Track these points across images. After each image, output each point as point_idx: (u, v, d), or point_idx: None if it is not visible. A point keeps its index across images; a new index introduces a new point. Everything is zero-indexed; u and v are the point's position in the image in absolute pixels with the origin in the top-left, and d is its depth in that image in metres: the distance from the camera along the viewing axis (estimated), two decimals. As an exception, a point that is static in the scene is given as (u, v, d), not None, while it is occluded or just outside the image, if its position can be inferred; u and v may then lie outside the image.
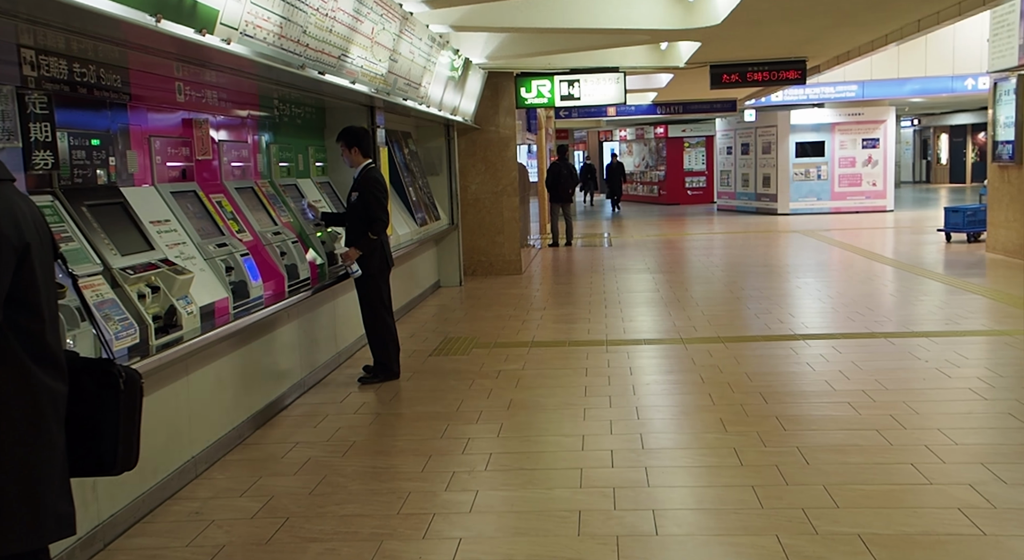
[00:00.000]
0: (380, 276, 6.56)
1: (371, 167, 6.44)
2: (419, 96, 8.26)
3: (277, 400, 5.82)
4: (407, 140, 10.92)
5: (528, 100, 12.62)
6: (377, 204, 6.30)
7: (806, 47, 11.18)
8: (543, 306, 10.05)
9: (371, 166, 6.45)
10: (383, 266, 6.58)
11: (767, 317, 8.75)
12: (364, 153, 6.42)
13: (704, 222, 22.39)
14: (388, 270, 6.68)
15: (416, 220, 10.07)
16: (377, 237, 6.34)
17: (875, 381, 6.08)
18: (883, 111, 22.36)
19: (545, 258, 15.03)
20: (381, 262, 6.55)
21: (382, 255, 6.55)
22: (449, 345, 7.95)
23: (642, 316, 9.25)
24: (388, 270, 6.68)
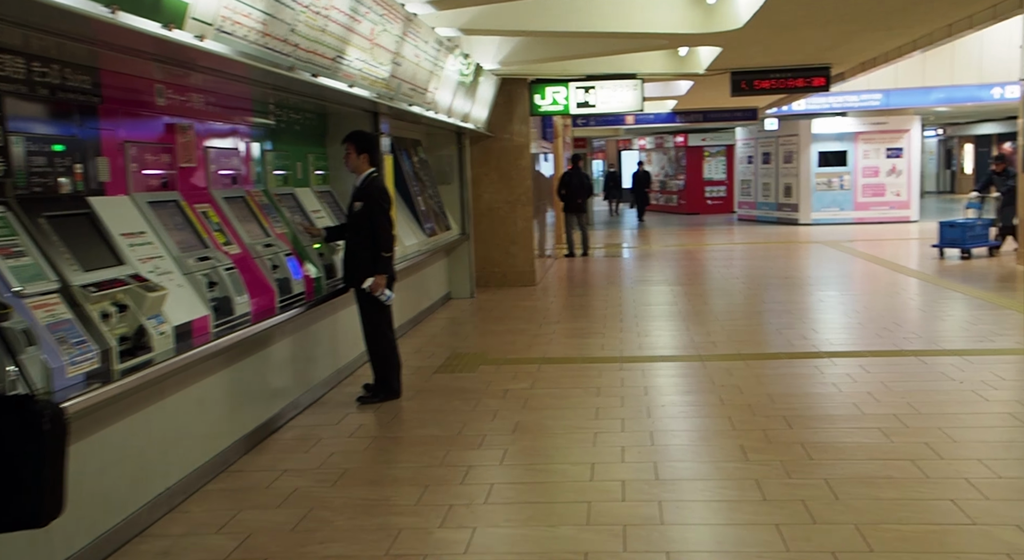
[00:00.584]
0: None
1: (375, 176, 6.10)
2: (426, 102, 7.93)
3: (268, 422, 5.48)
4: (416, 148, 10.60)
5: (542, 107, 12.29)
6: (384, 217, 5.94)
7: (830, 53, 10.78)
8: (556, 319, 9.69)
9: (375, 175, 6.10)
10: (389, 279, 6.23)
11: (789, 332, 8.33)
12: (372, 161, 6.08)
13: (724, 232, 21.95)
14: (392, 282, 6.33)
15: (424, 230, 9.74)
16: (391, 253, 6.00)
17: (907, 404, 5.67)
18: (908, 120, 21.85)
19: (560, 269, 14.66)
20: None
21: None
22: (456, 361, 7.59)
23: (659, 331, 8.86)
24: (392, 282, 6.33)
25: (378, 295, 6.03)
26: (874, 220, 22.01)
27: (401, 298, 9.23)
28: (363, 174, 6.07)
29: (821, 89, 11.85)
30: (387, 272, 6.02)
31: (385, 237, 5.94)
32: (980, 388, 6.03)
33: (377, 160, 6.18)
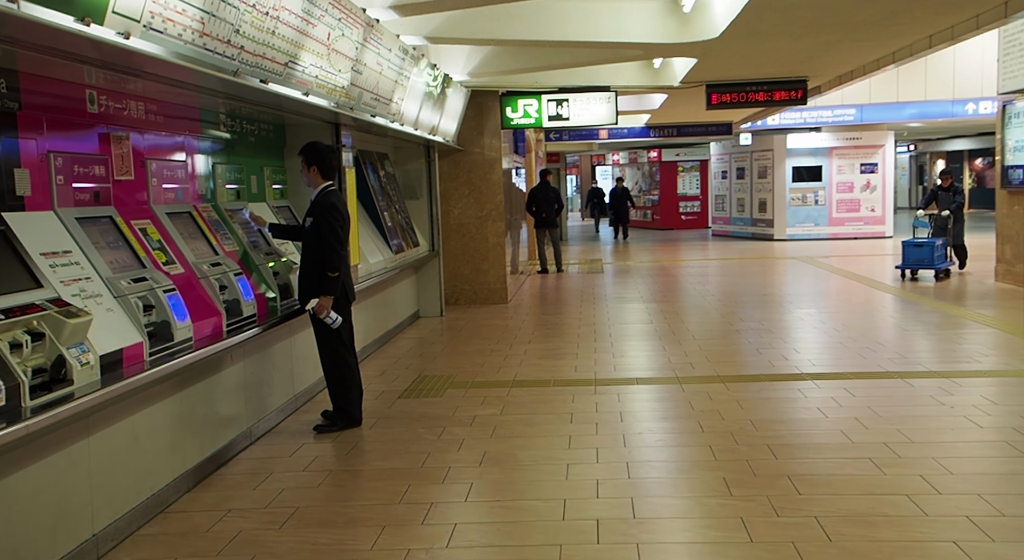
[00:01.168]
0: (339, 311, 5.83)
1: (329, 190, 5.71)
2: (390, 113, 7.58)
3: (216, 455, 5.08)
4: (383, 162, 10.24)
5: (514, 120, 11.98)
6: (332, 235, 5.54)
7: (808, 65, 10.56)
8: (528, 339, 9.33)
9: (330, 189, 5.72)
10: (343, 300, 5.85)
11: (769, 353, 8.04)
12: (324, 174, 5.71)
13: (699, 248, 21.74)
14: (349, 304, 5.96)
15: (391, 247, 9.37)
16: (338, 273, 5.61)
17: (897, 431, 5.36)
18: (882, 135, 21.80)
19: (533, 286, 14.32)
20: (340, 296, 5.82)
21: (343, 287, 5.83)
22: (422, 385, 7.21)
23: (634, 351, 8.52)
24: (349, 304, 5.96)
25: (323, 318, 5.65)
26: (849, 236, 21.90)
27: (366, 317, 8.85)
28: (318, 188, 5.71)
29: (798, 102, 11.63)
30: (332, 293, 5.61)
31: (331, 256, 5.53)
32: (972, 413, 5.74)
33: (330, 173, 5.74)
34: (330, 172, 5.75)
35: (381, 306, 9.33)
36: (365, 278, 8.16)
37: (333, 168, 5.80)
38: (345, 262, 5.76)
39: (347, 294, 5.87)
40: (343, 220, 5.67)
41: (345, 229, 5.72)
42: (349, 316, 5.98)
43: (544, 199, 16.17)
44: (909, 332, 9.03)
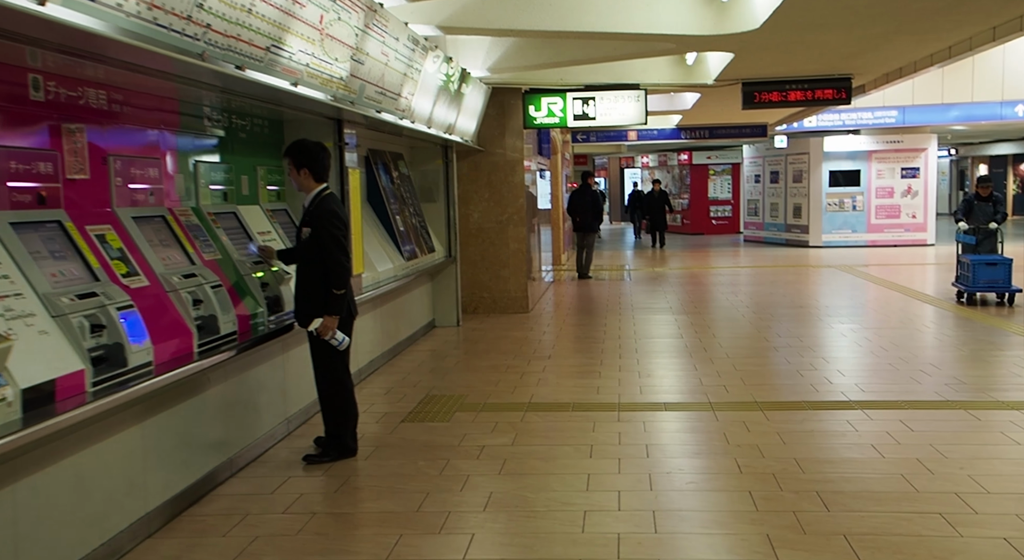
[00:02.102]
0: (343, 329, 5.20)
1: (326, 195, 5.10)
2: (399, 109, 6.96)
3: (190, 489, 4.48)
4: (398, 163, 9.63)
5: (537, 119, 11.33)
6: (336, 246, 4.94)
7: (853, 62, 9.81)
8: (548, 354, 8.67)
9: (326, 193, 5.11)
10: (346, 317, 5.23)
11: (811, 374, 7.32)
12: (316, 176, 5.08)
13: (730, 254, 20.96)
14: (351, 320, 5.34)
15: (403, 253, 8.75)
16: (344, 290, 5.00)
17: (968, 478, 4.65)
18: (924, 139, 20.90)
19: (557, 294, 13.66)
20: (344, 312, 5.20)
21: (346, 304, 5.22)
22: (429, 406, 6.58)
23: (662, 369, 7.84)
24: (351, 320, 5.34)
25: (328, 339, 5.04)
26: (888, 243, 21.03)
27: (374, 328, 8.24)
28: (312, 193, 5.10)
29: (841, 102, 10.87)
30: (339, 313, 5.02)
31: (337, 271, 4.94)
32: (1051, 454, 5.01)
33: (324, 174, 5.12)
34: (324, 174, 5.13)
35: (391, 316, 8.72)
36: (372, 287, 7.56)
37: (327, 168, 5.17)
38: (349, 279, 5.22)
39: (349, 308, 5.26)
40: (345, 229, 5.10)
41: (348, 238, 5.15)
42: (350, 333, 5.37)
43: (581, 203, 15.90)
44: (967, 353, 8.25)
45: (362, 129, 7.85)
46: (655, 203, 23.31)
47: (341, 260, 4.95)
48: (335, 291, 4.93)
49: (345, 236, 5.05)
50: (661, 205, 23.19)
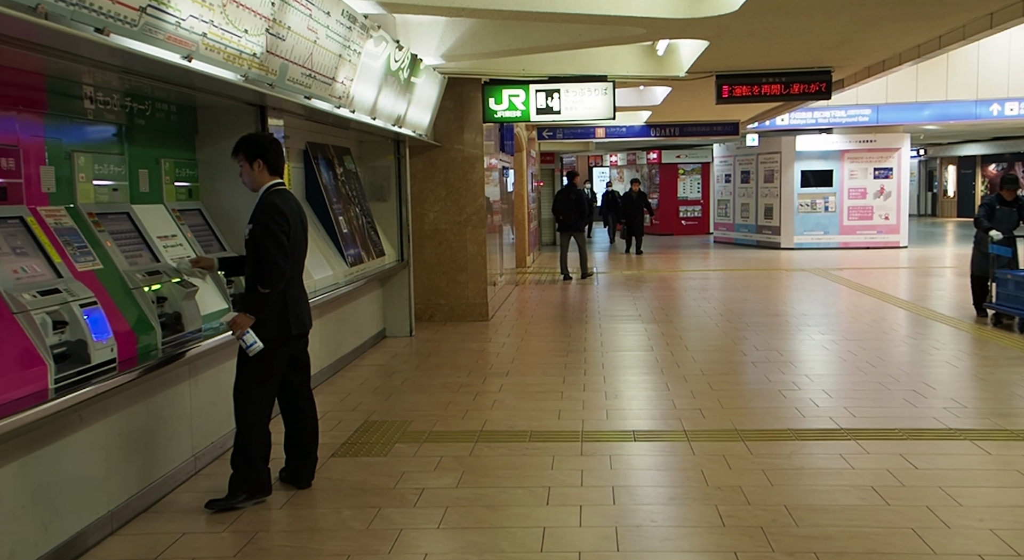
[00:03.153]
0: (276, 345, 4.44)
1: (275, 189, 4.50)
2: (334, 96, 6.13)
3: (48, 557, 3.63)
4: (343, 158, 8.79)
5: (498, 113, 10.54)
6: (272, 240, 4.31)
7: (835, 52, 9.13)
8: (506, 370, 7.88)
9: (275, 188, 4.50)
10: (282, 331, 4.47)
11: (794, 395, 6.60)
12: (272, 167, 4.52)
13: (700, 256, 20.31)
14: (291, 338, 4.54)
15: (347, 258, 7.92)
16: (271, 290, 4.29)
17: (992, 535, 3.92)
18: (897, 138, 20.38)
19: (521, 299, 12.87)
20: (279, 324, 4.46)
21: (282, 314, 4.46)
22: (367, 435, 5.77)
23: (631, 389, 7.09)
24: (291, 338, 4.54)
25: (236, 338, 4.30)
26: (861, 245, 20.50)
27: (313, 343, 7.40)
28: (263, 188, 4.51)
29: (820, 97, 10.20)
30: (256, 313, 4.31)
31: (268, 268, 4.29)
32: (1081, 501, 4.31)
33: (279, 167, 4.56)
34: (280, 165, 4.58)
35: (333, 328, 7.89)
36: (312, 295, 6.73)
37: (283, 159, 4.63)
38: (294, 283, 4.52)
39: (288, 321, 4.48)
40: (287, 225, 4.39)
41: (293, 237, 4.41)
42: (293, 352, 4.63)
43: (566, 202, 15.59)
44: (963, 370, 7.58)
45: (298, 120, 7.02)
46: (633, 205, 21.14)
47: (276, 258, 4.28)
48: (260, 289, 4.27)
49: (285, 233, 4.35)
50: (640, 207, 21.13)
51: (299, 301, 4.57)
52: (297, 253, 4.50)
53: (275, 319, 4.41)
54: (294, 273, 4.49)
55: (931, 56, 8.59)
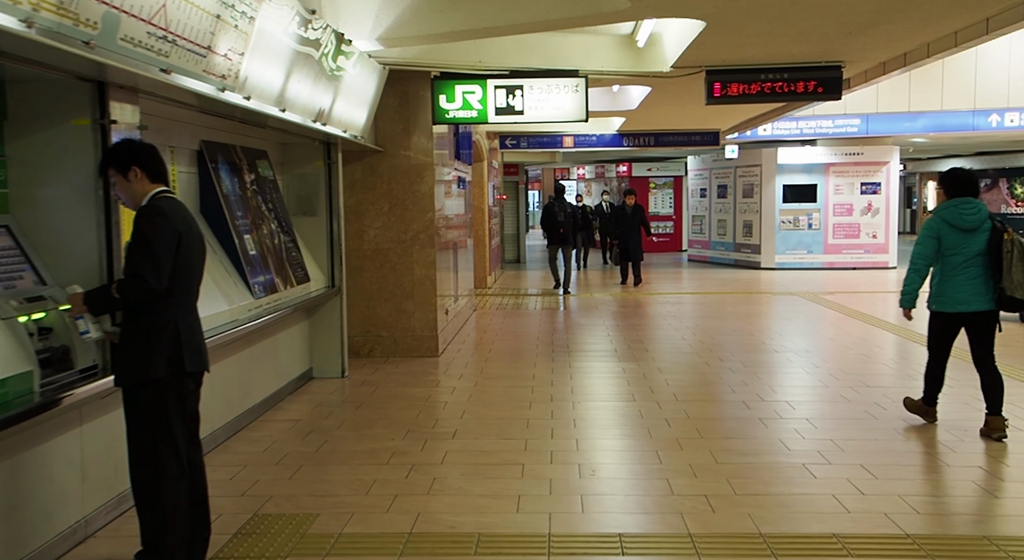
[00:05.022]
0: (167, 386, 3.60)
1: (161, 197, 3.67)
2: (212, 72, 4.48)
3: None
4: (256, 162, 7.13)
5: (450, 112, 8.93)
6: (144, 250, 3.50)
7: (848, 43, 7.67)
8: (453, 428, 6.26)
9: (163, 195, 3.68)
10: (175, 367, 3.61)
11: (827, 473, 5.06)
12: (153, 174, 3.69)
13: (676, 277, 18.81)
14: (186, 377, 3.68)
15: (253, 287, 6.25)
16: (124, 298, 3.50)
17: None
18: (886, 151, 19.08)
19: (479, 327, 11.25)
20: (171, 359, 3.59)
21: (174, 347, 3.60)
22: (249, 541, 4.14)
23: (613, 461, 5.50)
24: (186, 377, 3.68)
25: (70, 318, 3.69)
26: (847, 265, 19.14)
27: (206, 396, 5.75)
28: (147, 197, 3.66)
29: (827, 97, 8.73)
30: (97, 312, 3.63)
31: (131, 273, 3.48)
32: None
33: (161, 172, 3.73)
34: (162, 171, 3.74)
35: (233, 376, 6.23)
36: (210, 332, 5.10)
37: (163, 164, 3.75)
38: (188, 309, 3.75)
39: (182, 356, 3.63)
40: (175, 235, 3.59)
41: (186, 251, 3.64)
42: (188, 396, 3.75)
43: (550, 214, 15.32)
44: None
45: (177, 108, 5.38)
46: (628, 222, 16.60)
47: (144, 273, 3.46)
48: (114, 293, 3.52)
49: (161, 241, 3.52)
50: (636, 224, 16.59)
51: (195, 332, 3.77)
52: (193, 272, 3.77)
53: (166, 353, 3.56)
54: (189, 297, 3.75)
55: (970, 45, 7.12)
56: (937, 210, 5.81)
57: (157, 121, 5.33)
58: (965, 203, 5.67)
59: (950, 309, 5.74)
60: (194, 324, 3.76)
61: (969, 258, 5.62)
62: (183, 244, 3.63)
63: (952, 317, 5.78)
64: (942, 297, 5.77)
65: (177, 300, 3.64)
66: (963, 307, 5.68)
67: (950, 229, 5.67)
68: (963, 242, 5.64)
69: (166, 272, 3.52)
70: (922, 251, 5.80)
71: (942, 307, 5.79)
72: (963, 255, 5.64)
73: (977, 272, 5.62)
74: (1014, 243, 5.50)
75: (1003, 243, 5.52)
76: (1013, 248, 5.48)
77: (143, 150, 3.66)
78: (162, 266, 3.50)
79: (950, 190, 5.78)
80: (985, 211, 5.69)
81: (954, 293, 5.69)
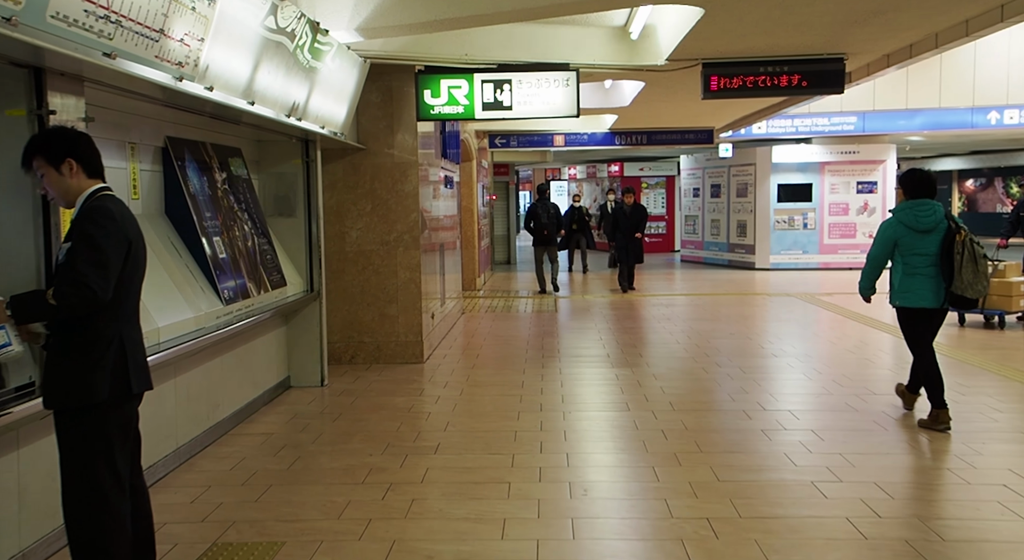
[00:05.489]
0: (111, 409, 3.21)
1: (102, 194, 3.27)
2: (168, 59, 4.08)
3: None
4: (229, 161, 6.73)
5: (435, 108, 8.54)
6: (90, 254, 3.09)
7: (853, 32, 7.32)
8: (436, 442, 5.87)
9: (103, 193, 3.27)
10: (120, 389, 3.23)
11: (839, 493, 4.69)
12: (90, 168, 3.29)
13: (669, 278, 18.45)
14: (131, 399, 3.32)
15: (222, 292, 5.85)
16: (63, 307, 3.05)
17: None
18: (882, 149, 18.75)
19: (467, 331, 10.86)
20: (115, 379, 3.21)
21: (119, 365, 3.22)
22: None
23: (606, 478, 5.12)
24: (131, 399, 3.32)
25: None
26: (843, 265, 18.80)
27: (168, 410, 5.36)
28: (83, 195, 3.26)
29: (829, 90, 8.37)
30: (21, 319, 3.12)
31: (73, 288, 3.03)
32: None
33: (98, 167, 3.32)
34: (99, 164, 3.33)
35: (203, 386, 5.84)
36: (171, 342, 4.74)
37: (100, 160, 3.33)
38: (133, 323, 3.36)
39: (127, 376, 3.24)
40: (123, 240, 3.21)
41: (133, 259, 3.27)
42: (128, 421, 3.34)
43: (534, 215, 15.23)
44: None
45: (149, 104, 4.99)
46: (626, 222, 15.40)
47: (88, 279, 3.04)
48: (50, 299, 3.06)
49: (110, 247, 3.14)
50: (636, 225, 15.39)
51: (140, 349, 3.38)
52: (138, 284, 3.38)
53: (110, 372, 3.17)
54: (133, 311, 3.35)
55: (982, 34, 6.76)
56: (895, 211, 5.98)
57: (113, 115, 4.96)
58: (921, 205, 5.85)
59: (912, 304, 5.92)
60: (138, 340, 3.38)
61: (927, 257, 5.80)
62: (131, 253, 3.25)
63: (915, 311, 5.95)
64: (904, 293, 5.94)
65: (121, 314, 3.25)
66: (923, 303, 5.87)
67: (906, 230, 5.85)
68: (920, 243, 5.82)
69: (113, 281, 3.14)
70: (878, 252, 6.05)
71: (904, 302, 5.97)
72: (921, 254, 5.82)
73: (936, 271, 5.80)
74: (965, 244, 5.71)
75: (954, 244, 5.72)
76: (964, 249, 5.69)
77: (80, 140, 3.26)
78: (110, 275, 3.12)
79: (908, 191, 5.97)
80: (941, 212, 5.85)
81: (916, 289, 5.87)
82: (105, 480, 3.18)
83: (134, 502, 3.37)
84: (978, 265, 5.70)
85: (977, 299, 5.83)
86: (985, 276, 5.74)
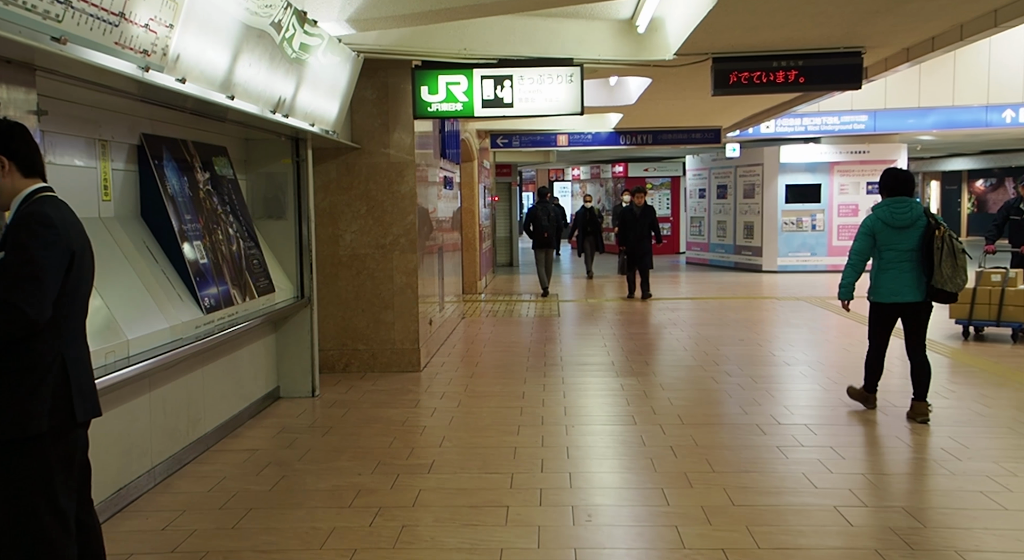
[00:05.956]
0: (48, 441, 2.83)
1: (43, 197, 2.90)
2: (131, 47, 3.72)
3: None
4: (213, 160, 6.36)
5: (433, 105, 8.17)
6: (21, 266, 2.71)
7: (871, 26, 6.94)
8: (430, 461, 5.50)
9: (41, 195, 2.91)
10: (62, 417, 2.85)
11: (868, 524, 4.32)
12: (26, 167, 2.92)
13: (674, 281, 18.05)
14: (75, 427, 2.93)
15: (202, 300, 5.48)
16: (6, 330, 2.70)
17: None
18: (893, 149, 18.35)
19: (466, 337, 10.48)
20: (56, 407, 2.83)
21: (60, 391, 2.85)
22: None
23: (613, 501, 4.74)
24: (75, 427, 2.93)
25: None
26: (853, 268, 18.34)
27: (144, 426, 5.00)
28: (19, 198, 2.90)
29: (847, 85, 7.98)
30: None
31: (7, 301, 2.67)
32: None
33: (37, 165, 2.96)
34: (38, 163, 2.97)
35: (183, 399, 5.48)
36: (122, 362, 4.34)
37: (39, 156, 2.98)
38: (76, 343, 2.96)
39: (70, 404, 2.87)
40: (60, 250, 2.80)
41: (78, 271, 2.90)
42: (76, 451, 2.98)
43: (534, 218, 14.96)
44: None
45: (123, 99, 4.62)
46: (636, 224, 14.11)
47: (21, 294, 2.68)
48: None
49: (49, 261, 2.76)
50: (646, 228, 14.13)
51: (85, 370, 2.98)
52: (84, 298, 3.00)
53: (50, 399, 2.80)
54: (77, 328, 2.97)
55: (1012, 24, 6.37)
56: (874, 209, 6.21)
57: (81, 109, 4.61)
58: (899, 202, 6.07)
59: (885, 299, 6.16)
60: (84, 360, 2.98)
61: (902, 252, 6.03)
62: (75, 264, 2.88)
63: (887, 307, 6.20)
64: (878, 288, 6.19)
65: (63, 332, 2.87)
66: (897, 298, 6.10)
67: (884, 226, 6.08)
68: (897, 238, 6.03)
69: (51, 299, 2.76)
70: (858, 248, 6.24)
71: (878, 298, 6.22)
72: (896, 250, 6.04)
73: (910, 266, 6.02)
74: (944, 240, 5.90)
75: (934, 239, 5.92)
76: (943, 244, 5.88)
77: (15, 133, 2.89)
78: (47, 294, 2.75)
79: (886, 190, 6.18)
80: (919, 209, 6.06)
81: (889, 284, 6.09)
82: (47, 521, 2.80)
83: (82, 542, 2.99)
84: (957, 260, 5.86)
85: (957, 294, 5.96)
86: (964, 271, 5.90)
